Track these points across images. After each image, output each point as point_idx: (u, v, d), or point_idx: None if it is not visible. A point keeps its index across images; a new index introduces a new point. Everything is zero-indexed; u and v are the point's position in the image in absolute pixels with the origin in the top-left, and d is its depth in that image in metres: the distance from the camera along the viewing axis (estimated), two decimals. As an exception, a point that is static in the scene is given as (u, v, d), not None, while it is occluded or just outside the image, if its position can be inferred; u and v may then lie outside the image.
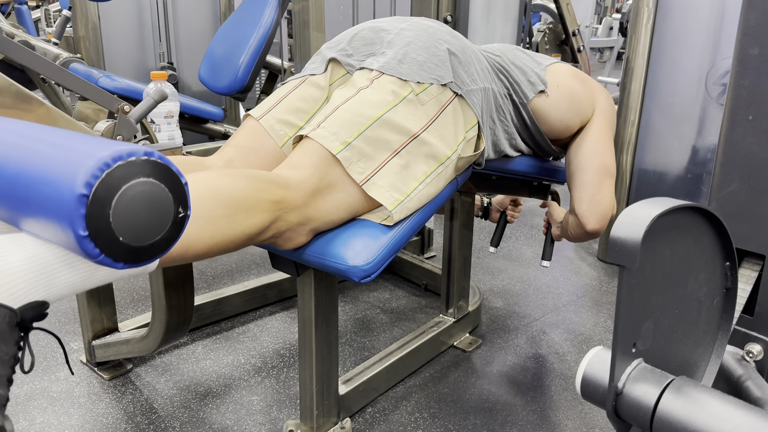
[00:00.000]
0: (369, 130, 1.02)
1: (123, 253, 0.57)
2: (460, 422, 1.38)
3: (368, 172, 1.01)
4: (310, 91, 1.20)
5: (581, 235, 1.38)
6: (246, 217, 0.86)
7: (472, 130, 1.16)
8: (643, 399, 0.57)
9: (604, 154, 1.36)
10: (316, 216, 0.99)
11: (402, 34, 1.15)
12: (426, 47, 1.12)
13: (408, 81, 1.08)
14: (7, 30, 2.41)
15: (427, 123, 1.08)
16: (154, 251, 0.60)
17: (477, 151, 1.17)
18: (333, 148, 0.99)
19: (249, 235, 0.88)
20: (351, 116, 1.03)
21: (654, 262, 0.57)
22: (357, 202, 1.03)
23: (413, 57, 1.10)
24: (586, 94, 1.39)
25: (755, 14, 0.79)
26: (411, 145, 1.05)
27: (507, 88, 1.29)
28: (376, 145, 1.03)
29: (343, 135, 1.01)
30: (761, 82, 0.80)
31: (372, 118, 1.03)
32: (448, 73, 1.11)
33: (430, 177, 1.08)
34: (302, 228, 0.98)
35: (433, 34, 1.15)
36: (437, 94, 1.10)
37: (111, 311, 1.53)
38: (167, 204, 0.59)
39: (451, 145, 1.11)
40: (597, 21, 8.32)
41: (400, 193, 1.04)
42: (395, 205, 1.03)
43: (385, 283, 2.08)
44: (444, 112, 1.10)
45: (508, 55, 1.34)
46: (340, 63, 1.20)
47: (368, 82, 1.09)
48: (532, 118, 1.33)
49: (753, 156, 0.81)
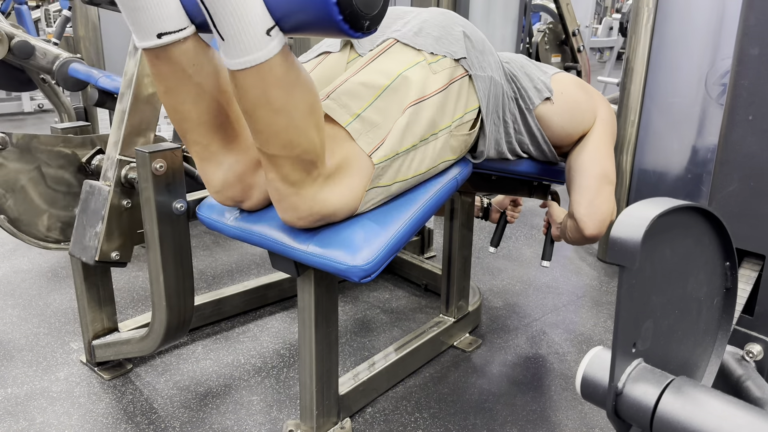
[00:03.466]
0: (379, 100, 1.04)
1: (352, 15, 0.78)
2: (460, 422, 1.37)
3: (377, 141, 1.02)
4: (328, 70, 1.20)
5: (579, 239, 1.38)
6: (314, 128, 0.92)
7: (471, 114, 1.16)
8: (643, 399, 0.57)
9: (604, 161, 1.36)
10: (327, 197, 0.98)
11: (419, 16, 1.19)
12: (442, 26, 1.15)
13: (422, 51, 1.10)
14: (7, 30, 2.41)
15: (435, 90, 1.09)
16: (374, 19, 0.82)
17: (472, 130, 1.17)
18: (342, 120, 1.01)
19: (307, 135, 0.92)
20: (360, 88, 1.05)
21: (654, 262, 0.57)
22: (366, 175, 1.03)
23: (428, 32, 1.13)
24: (589, 103, 1.40)
25: (755, 14, 0.79)
26: (416, 106, 1.06)
27: (515, 92, 1.30)
28: (387, 112, 1.04)
29: (353, 106, 1.02)
30: (761, 82, 0.80)
31: (382, 86, 1.05)
32: (461, 50, 1.13)
33: (422, 143, 1.09)
34: (312, 203, 0.98)
35: (451, 18, 1.19)
36: (449, 66, 1.11)
37: (111, 311, 1.53)
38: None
39: (446, 120, 1.11)
40: (597, 21, 8.32)
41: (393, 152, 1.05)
42: (382, 160, 1.03)
43: (385, 283, 2.08)
44: (452, 86, 1.11)
45: (516, 62, 1.36)
46: (353, 46, 1.20)
47: (381, 50, 1.11)
48: (538, 125, 1.34)
49: (753, 156, 0.81)
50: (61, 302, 1.87)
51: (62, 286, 1.97)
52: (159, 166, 1.19)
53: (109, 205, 1.25)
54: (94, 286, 1.48)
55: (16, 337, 1.68)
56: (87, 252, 1.29)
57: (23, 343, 1.65)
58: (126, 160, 1.26)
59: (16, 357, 1.58)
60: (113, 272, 1.60)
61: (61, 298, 1.90)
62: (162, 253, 1.25)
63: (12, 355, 1.58)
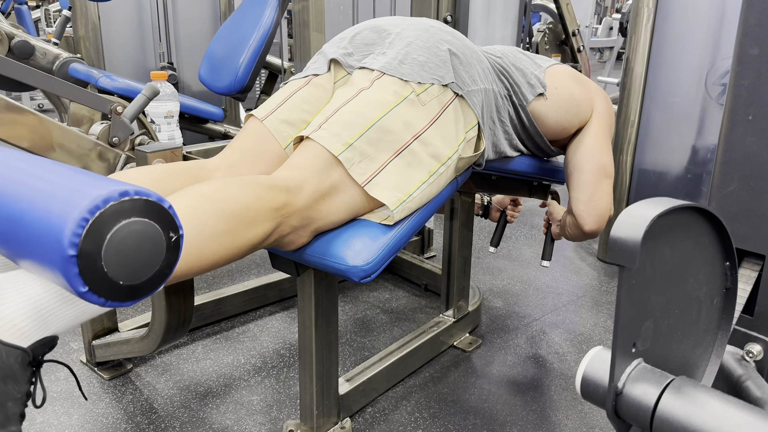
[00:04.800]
0: (371, 131, 1.02)
1: (127, 293, 0.58)
2: (460, 422, 1.37)
3: (370, 172, 1.01)
4: (314, 92, 1.20)
5: (579, 235, 1.38)
6: (249, 228, 0.86)
7: (473, 131, 1.16)
8: (643, 399, 0.57)
9: (601, 155, 1.36)
10: (317, 217, 0.99)
11: (403, 35, 1.15)
12: (427, 47, 1.12)
13: (409, 81, 1.07)
14: (7, 30, 2.41)
15: (428, 123, 1.07)
16: (158, 280, 0.61)
17: (477, 152, 1.17)
18: (334, 149, 0.99)
19: (253, 244, 0.88)
20: (352, 117, 1.03)
21: (654, 262, 0.57)
22: (358, 203, 1.03)
23: (414, 57, 1.10)
24: (585, 96, 1.39)
25: (755, 14, 0.79)
26: (413, 145, 1.05)
27: (507, 90, 1.29)
28: (378, 146, 1.02)
29: (345, 136, 1.01)
30: (761, 82, 0.80)
31: (373, 119, 1.03)
32: (449, 73, 1.11)
33: (432, 177, 1.08)
34: (304, 230, 0.98)
35: (434, 35, 1.15)
36: (438, 94, 1.10)
37: (111, 312, 1.53)
38: (156, 234, 0.59)
39: (452, 145, 1.11)
40: (597, 21, 8.32)
41: (402, 193, 1.04)
42: (397, 204, 1.03)
43: (385, 283, 2.08)
44: (445, 112, 1.10)
45: (509, 57, 1.34)
46: (341, 64, 1.20)
47: (369, 82, 1.08)
48: (531, 120, 1.33)
49: (753, 156, 0.81)
50: (61, 302, 1.87)
51: (62, 286, 1.97)
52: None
53: None
54: (94, 286, 1.48)
55: (16, 337, 1.67)
56: None
57: (23, 343, 1.65)
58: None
59: (16, 357, 1.58)
60: (113, 272, 1.60)
61: (61, 298, 1.90)
62: (162, 253, 1.24)
63: (12, 355, 1.58)
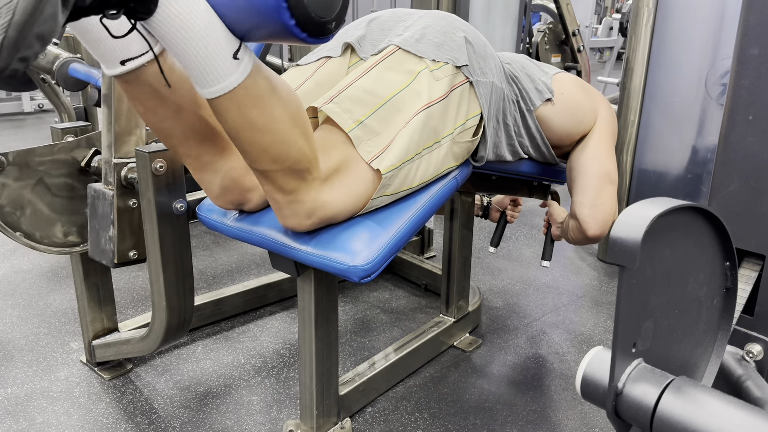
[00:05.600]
0: (382, 110, 1.03)
1: (319, 28, 0.74)
2: (460, 422, 1.37)
3: (377, 150, 1.02)
4: (328, 75, 1.19)
5: (581, 240, 1.38)
6: (301, 136, 0.90)
7: (473, 120, 1.16)
8: (643, 399, 0.57)
9: (605, 161, 1.36)
10: (327, 200, 0.98)
11: (421, 21, 1.17)
12: (444, 32, 1.14)
13: (423, 58, 1.09)
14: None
15: (438, 98, 1.08)
16: (340, 18, 0.76)
17: (475, 137, 1.17)
18: (346, 125, 1.00)
19: (295, 145, 0.89)
20: (364, 94, 1.04)
21: (654, 262, 0.57)
22: (364, 181, 1.02)
23: (430, 38, 1.12)
24: (589, 103, 1.40)
25: (755, 14, 0.79)
26: (420, 115, 1.06)
27: (516, 94, 1.30)
28: (388, 123, 1.03)
29: (357, 113, 1.01)
30: (761, 82, 0.80)
31: (385, 98, 1.04)
32: (463, 56, 1.13)
33: (425, 150, 1.09)
34: (312, 207, 0.97)
35: (452, 22, 1.18)
36: (451, 73, 1.11)
37: (111, 311, 1.53)
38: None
39: (449, 127, 1.11)
40: (597, 21, 8.32)
41: (398, 161, 1.04)
42: (390, 169, 1.03)
43: (385, 283, 2.08)
44: (452, 93, 1.11)
45: (518, 63, 1.36)
46: (355, 51, 1.19)
47: (383, 56, 1.10)
48: (538, 126, 1.34)
49: (753, 156, 0.81)
50: (61, 302, 1.87)
51: (62, 286, 1.97)
52: (159, 166, 1.18)
53: (116, 209, 1.26)
54: (94, 286, 1.48)
55: (16, 337, 1.68)
56: (105, 255, 1.30)
57: (23, 343, 1.65)
58: (123, 162, 1.26)
59: (16, 357, 1.58)
60: (113, 272, 1.60)
61: (61, 298, 1.90)
62: (162, 253, 1.24)
63: (12, 355, 1.58)
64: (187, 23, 0.73)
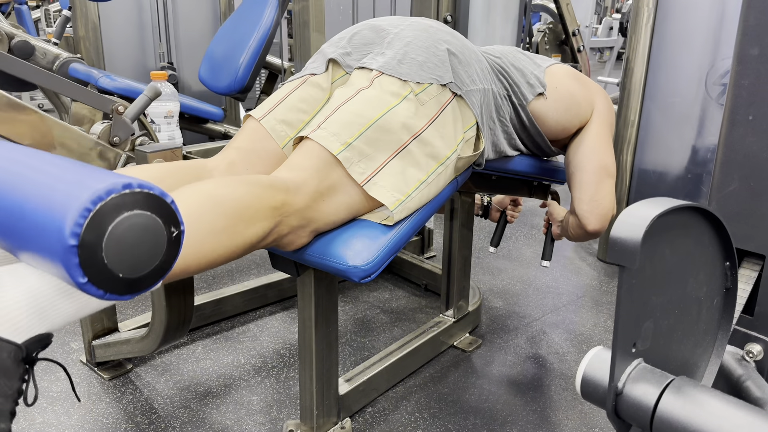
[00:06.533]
0: (369, 131, 1.02)
1: (126, 286, 0.58)
2: (460, 422, 1.37)
3: (369, 172, 1.01)
4: (311, 91, 1.20)
5: (582, 236, 1.38)
6: (247, 226, 0.86)
7: (471, 131, 1.16)
8: (643, 399, 0.57)
9: (603, 155, 1.36)
10: (317, 217, 0.99)
11: (402, 34, 1.15)
12: (426, 47, 1.12)
13: (408, 81, 1.07)
14: (7, 30, 2.41)
15: (427, 123, 1.08)
16: (157, 275, 0.60)
17: (476, 151, 1.17)
18: (333, 148, 0.99)
19: (251, 243, 0.88)
20: (351, 117, 1.03)
21: (654, 262, 0.57)
22: (357, 203, 1.03)
23: (413, 57, 1.10)
24: (585, 95, 1.39)
25: (755, 14, 0.79)
26: (411, 144, 1.05)
27: (506, 90, 1.29)
28: (377, 146, 1.02)
29: (344, 135, 1.01)
30: (761, 82, 0.80)
31: (372, 118, 1.03)
32: (447, 73, 1.11)
33: (431, 177, 1.08)
34: (303, 230, 0.98)
35: (433, 34, 1.15)
36: (437, 94, 1.10)
37: (111, 311, 1.53)
38: (157, 228, 0.58)
39: (450, 145, 1.11)
40: (597, 21, 8.32)
41: (401, 194, 1.04)
42: (396, 205, 1.03)
43: (385, 283, 2.08)
44: (444, 112, 1.10)
45: (508, 57, 1.34)
46: (339, 64, 1.20)
47: (368, 82, 1.08)
48: (531, 120, 1.33)
49: (753, 156, 0.81)
50: (61, 302, 1.87)
51: (62, 286, 1.97)
52: (159, 166, 1.18)
53: None
54: (94, 286, 1.48)
55: (16, 337, 1.67)
56: None
57: (23, 343, 1.64)
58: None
59: (16, 357, 1.58)
60: (113, 272, 1.59)
61: (61, 298, 1.90)
62: (162, 253, 1.24)
63: (12, 355, 1.58)
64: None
